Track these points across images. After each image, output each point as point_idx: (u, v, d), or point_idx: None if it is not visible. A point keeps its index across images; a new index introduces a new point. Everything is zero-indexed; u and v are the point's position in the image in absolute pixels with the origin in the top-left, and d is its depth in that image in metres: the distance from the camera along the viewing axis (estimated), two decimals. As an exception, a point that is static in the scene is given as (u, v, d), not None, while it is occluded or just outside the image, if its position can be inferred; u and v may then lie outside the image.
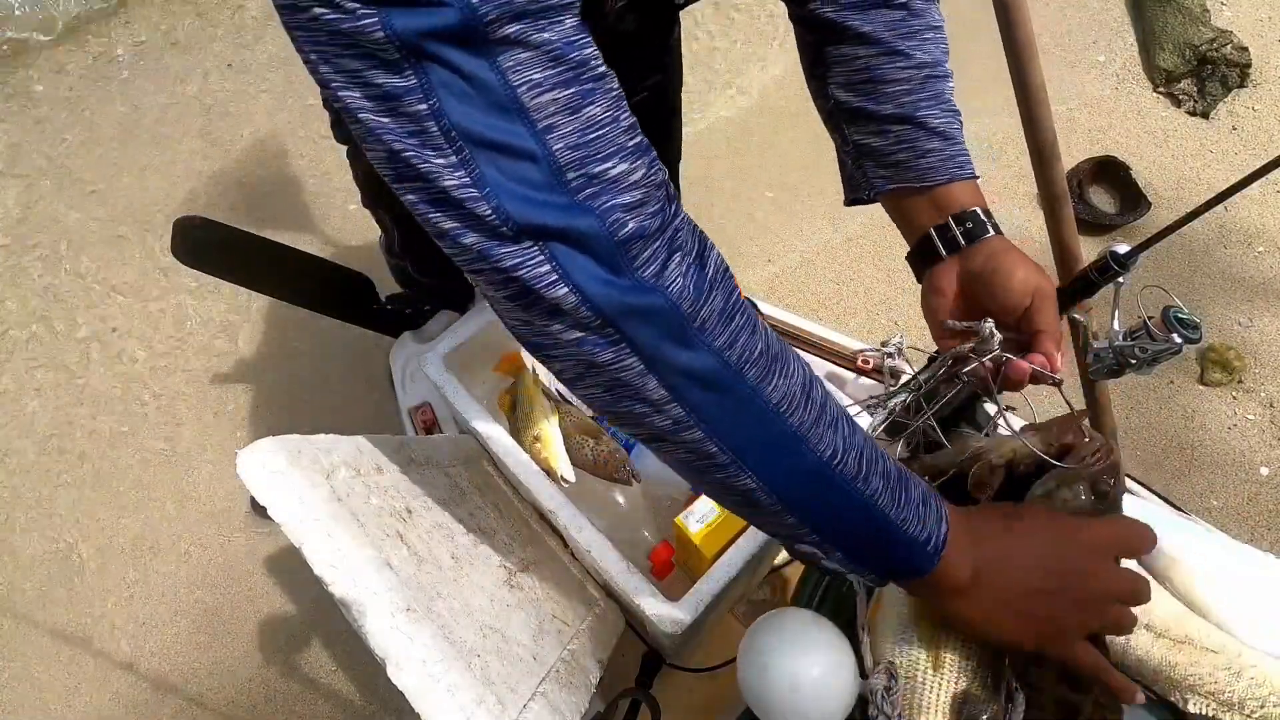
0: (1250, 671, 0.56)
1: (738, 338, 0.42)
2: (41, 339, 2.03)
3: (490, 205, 0.39)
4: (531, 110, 0.38)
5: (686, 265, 0.42)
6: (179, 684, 1.62)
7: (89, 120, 2.34)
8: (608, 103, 0.41)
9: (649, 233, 0.41)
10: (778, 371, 0.43)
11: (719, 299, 0.43)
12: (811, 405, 0.44)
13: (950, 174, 0.65)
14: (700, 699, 0.92)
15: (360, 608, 0.53)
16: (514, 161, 0.39)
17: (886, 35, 0.65)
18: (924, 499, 0.47)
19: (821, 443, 0.44)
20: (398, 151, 0.39)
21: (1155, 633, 0.58)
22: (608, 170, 0.40)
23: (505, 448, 0.87)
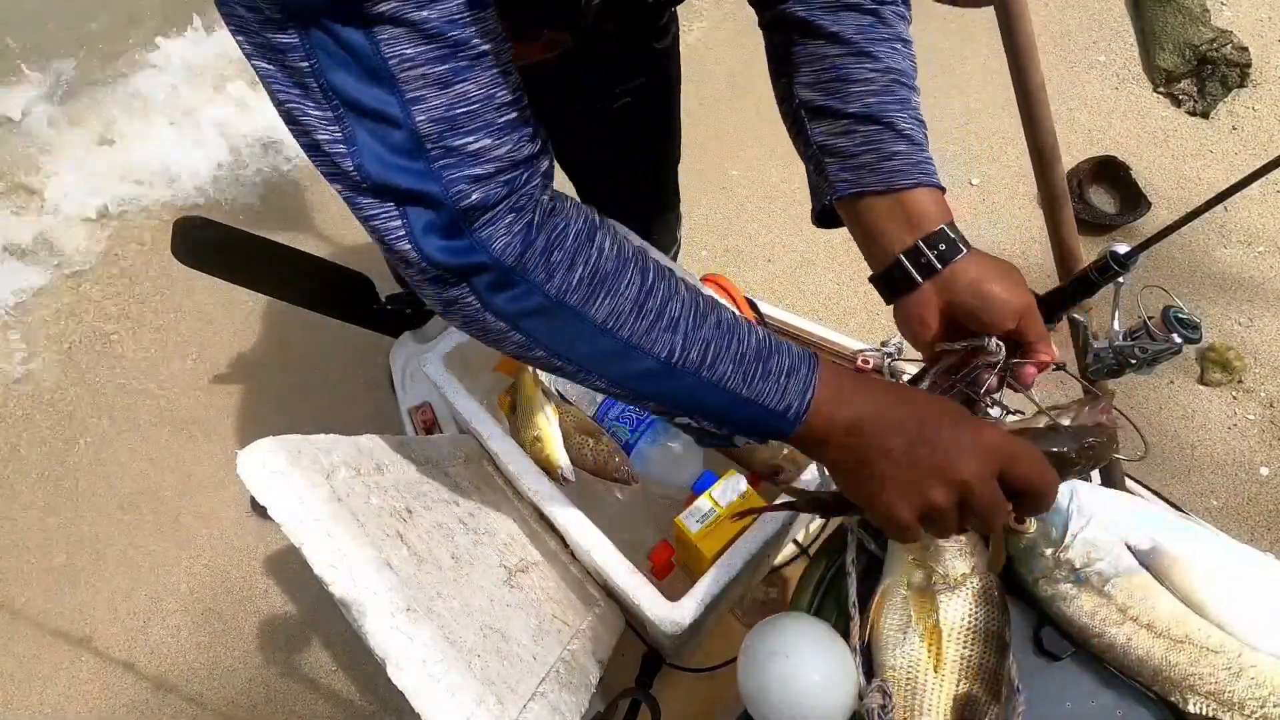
0: (1250, 671, 0.56)
1: (554, 273, 0.48)
2: (38, 349, 2.04)
3: (353, 162, 0.44)
4: (401, 82, 0.42)
5: (522, 224, 0.47)
6: (179, 684, 1.62)
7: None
8: (485, 79, 0.44)
9: (491, 203, 0.46)
10: (602, 295, 0.49)
11: (540, 243, 0.48)
12: (644, 316, 0.50)
13: (916, 179, 0.63)
14: (700, 699, 0.92)
15: (360, 608, 0.53)
16: (381, 126, 0.43)
17: (856, 37, 0.64)
18: (788, 371, 0.52)
19: (656, 345, 0.50)
20: (283, 101, 0.43)
21: (1155, 632, 0.58)
22: (468, 144, 0.45)
23: (505, 448, 0.87)
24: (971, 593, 0.59)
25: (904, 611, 0.59)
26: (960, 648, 0.57)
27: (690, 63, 2.35)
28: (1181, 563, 0.59)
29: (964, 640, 0.58)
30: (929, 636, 0.58)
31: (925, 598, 0.59)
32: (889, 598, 0.60)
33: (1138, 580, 0.59)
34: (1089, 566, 0.59)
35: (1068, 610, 0.60)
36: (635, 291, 0.50)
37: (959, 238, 0.62)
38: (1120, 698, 0.59)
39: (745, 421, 0.53)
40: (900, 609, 0.59)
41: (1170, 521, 0.62)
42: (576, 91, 0.98)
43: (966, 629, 0.58)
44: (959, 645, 0.57)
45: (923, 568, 0.60)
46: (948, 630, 0.58)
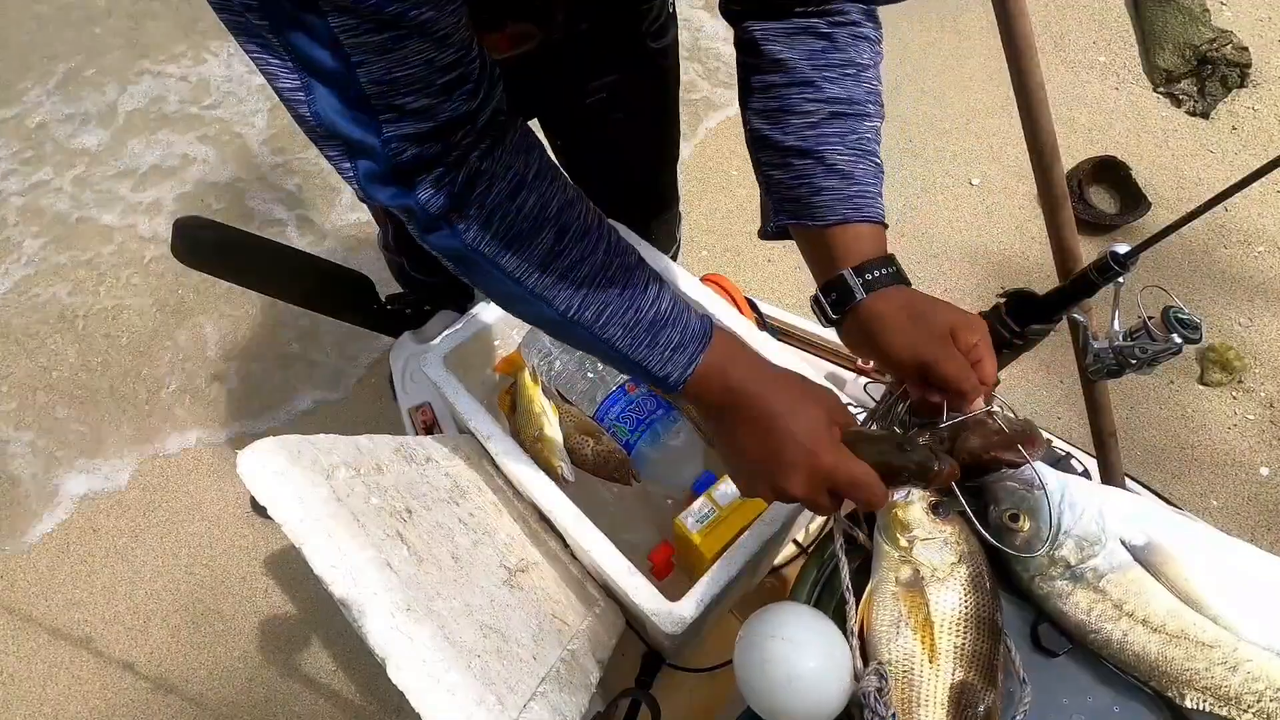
0: (1246, 666, 0.56)
1: (470, 227, 0.55)
2: (40, 339, 2.04)
3: (310, 110, 0.50)
4: (348, 48, 0.47)
5: (448, 180, 0.54)
6: (178, 684, 1.62)
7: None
8: (424, 47, 0.49)
9: (425, 159, 0.52)
10: (512, 249, 0.56)
11: (462, 199, 0.54)
12: (549, 272, 0.57)
13: (843, 215, 0.63)
14: (700, 699, 0.92)
15: (360, 608, 0.53)
16: (333, 84, 0.49)
17: (802, 64, 0.64)
18: (676, 346, 0.58)
19: (557, 299, 0.57)
20: (250, 51, 0.49)
21: (1151, 627, 0.58)
22: (409, 103, 0.50)
23: (505, 448, 0.87)
24: (960, 582, 0.60)
25: (895, 607, 0.59)
26: (953, 637, 0.58)
27: (691, 63, 2.35)
28: (1176, 558, 0.59)
29: (956, 630, 0.58)
30: (921, 630, 0.58)
31: (915, 592, 0.59)
32: (878, 594, 0.60)
33: (1133, 576, 0.59)
34: (1084, 563, 0.60)
35: (1064, 607, 0.60)
36: (544, 251, 0.56)
37: (861, 281, 0.62)
38: (1117, 694, 0.59)
39: (634, 374, 0.61)
40: (891, 605, 0.59)
41: (1164, 516, 0.62)
42: (548, 88, 0.98)
43: (958, 618, 0.58)
44: (951, 635, 0.58)
45: (909, 563, 0.60)
46: (939, 621, 0.58)
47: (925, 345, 0.59)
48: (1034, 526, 0.61)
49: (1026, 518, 0.61)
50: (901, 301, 0.61)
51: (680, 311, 0.60)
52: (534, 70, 0.89)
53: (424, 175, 0.53)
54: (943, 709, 0.56)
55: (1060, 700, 0.59)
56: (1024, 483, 0.62)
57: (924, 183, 2.14)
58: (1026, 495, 0.61)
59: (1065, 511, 0.60)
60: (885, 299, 0.61)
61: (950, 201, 2.12)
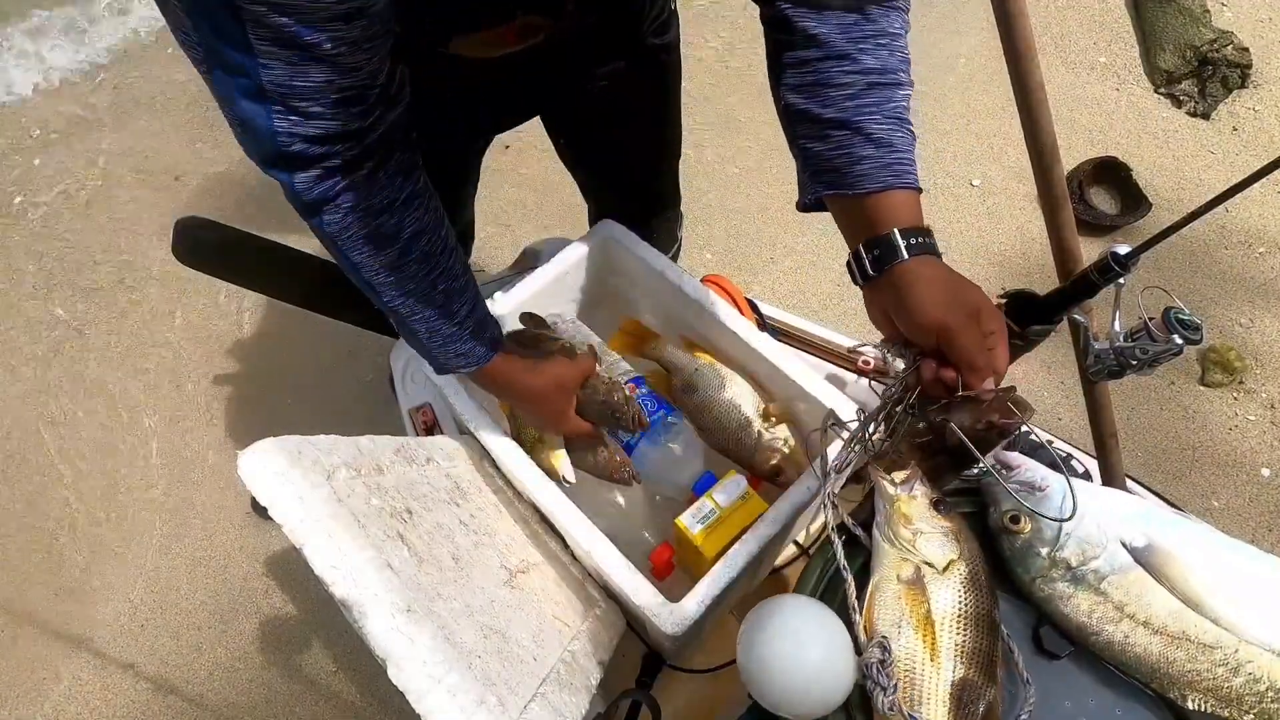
0: (1248, 667, 0.56)
1: (336, 220, 0.65)
2: (39, 341, 2.04)
3: (210, 81, 0.59)
4: (257, 50, 0.52)
5: (328, 182, 0.62)
6: (179, 684, 1.62)
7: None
8: (328, 70, 0.54)
9: (308, 156, 0.59)
10: (361, 249, 0.68)
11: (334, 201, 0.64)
12: (384, 274, 0.70)
13: (884, 182, 0.64)
14: (701, 700, 0.92)
15: (361, 609, 0.53)
16: (234, 72, 0.54)
17: (837, 38, 0.64)
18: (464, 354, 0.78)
19: (384, 294, 0.72)
20: (173, 28, 0.62)
21: (1152, 629, 0.58)
22: (304, 107, 0.56)
23: (505, 448, 0.87)
24: (959, 579, 0.60)
25: (897, 605, 0.60)
26: (953, 635, 0.58)
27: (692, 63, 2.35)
28: (1176, 559, 0.59)
29: (956, 627, 0.58)
30: (922, 627, 0.59)
31: (915, 590, 0.60)
32: (880, 593, 0.61)
33: (1133, 578, 0.59)
34: (1085, 565, 0.60)
35: (1065, 609, 0.60)
36: (388, 261, 0.69)
37: (906, 244, 0.62)
38: (1119, 696, 0.59)
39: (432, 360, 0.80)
40: (893, 603, 0.60)
41: (1164, 518, 0.62)
42: (551, 84, 0.99)
43: (958, 616, 0.59)
44: (952, 633, 0.58)
45: (910, 561, 0.60)
46: (940, 619, 0.59)
47: (952, 314, 0.60)
48: (1035, 528, 0.61)
49: (1027, 519, 0.61)
50: (939, 270, 0.63)
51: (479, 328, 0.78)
52: (538, 65, 0.89)
53: (303, 170, 0.60)
54: (945, 706, 0.57)
55: (1063, 703, 0.59)
56: (1027, 485, 0.62)
57: (924, 183, 2.11)
58: (1027, 497, 0.61)
59: (1066, 513, 0.60)
60: (925, 264, 0.62)
61: (951, 202, 2.12)
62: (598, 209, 1.33)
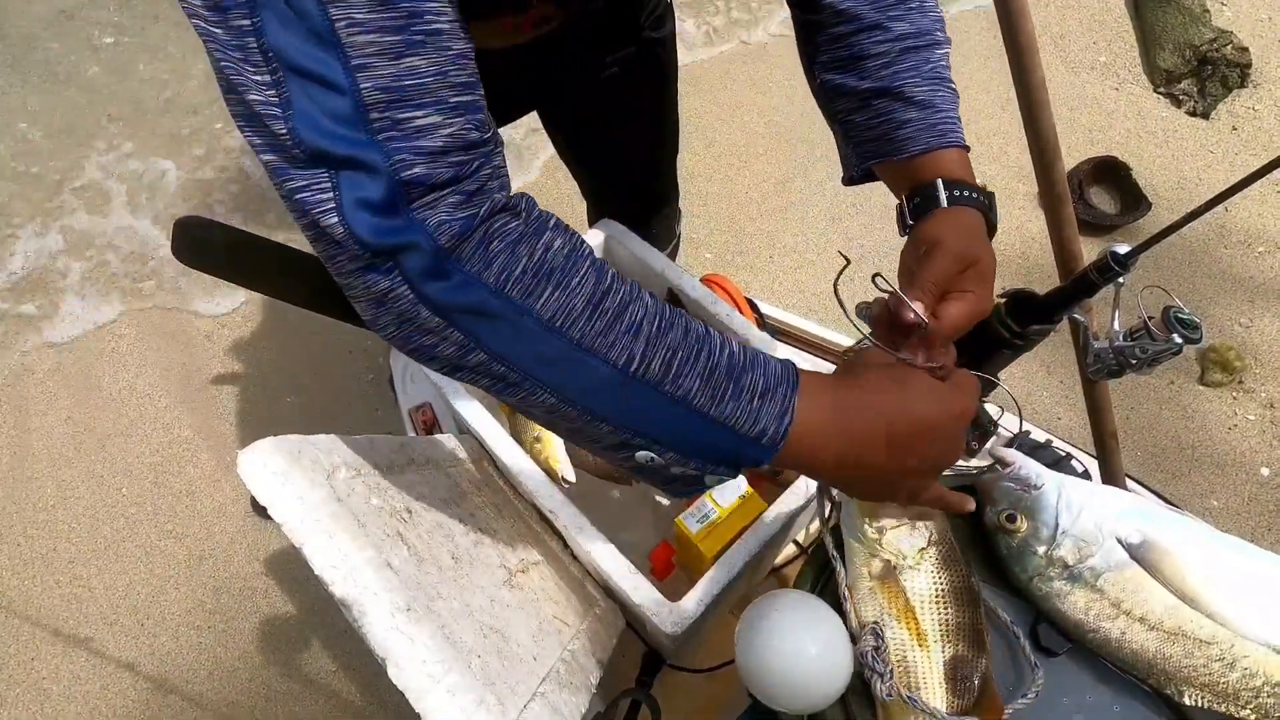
0: (1244, 662, 0.56)
1: (493, 261, 0.43)
2: (40, 347, 2.04)
3: (287, 126, 0.40)
4: (347, 46, 0.39)
5: (468, 210, 0.43)
6: (179, 684, 1.62)
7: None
8: (438, 58, 0.42)
9: (437, 181, 0.42)
10: (549, 288, 0.44)
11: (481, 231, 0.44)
12: (600, 315, 0.45)
13: (927, 143, 0.64)
14: (700, 699, 0.92)
15: (360, 608, 0.53)
16: (322, 90, 0.40)
17: (864, 9, 0.65)
18: (764, 392, 0.46)
19: (613, 351, 0.44)
20: (220, 63, 0.40)
21: (1149, 625, 0.58)
22: (415, 118, 0.41)
23: (506, 448, 0.87)
24: (931, 564, 0.61)
25: (874, 601, 0.60)
26: (935, 615, 0.59)
27: (692, 64, 2.35)
28: (1172, 555, 0.59)
29: (937, 607, 0.59)
30: (904, 616, 0.59)
31: (890, 583, 0.60)
32: (856, 591, 0.61)
33: (1129, 574, 0.59)
34: (1081, 563, 0.60)
35: (1062, 607, 0.60)
36: (590, 288, 0.45)
37: (946, 194, 0.62)
38: (1117, 693, 0.59)
39: (713, 448, 0.47)
40: (870, 600, 0.60)
41: (1159, 514, 0.62)
42: (564, 68, 0.98)
43: (936, 596, 0.59)
44: (933, 613, 0.59)
45: (879, 557, 0.61)
46: (919, 604, 0.59)
47: (951, 242, 0.59)
48: (1031, 526, 0.61)
49: (1024, 518, 0.61)
50: (971, 220, 0.61)
51: (753, 352, 0.48)
52: (545, 58, 0.89)
53: (435, 201, 0.42)
54: (942, 687, 0.57)
55: (1060, 699, 0.59)
56: (1021, 483, 0.62)
57: (924, 183, 2.14)
58: (1023, 495, 0.62)
59: (1062, 511, 0.61)
60: (966, 214, 0.62)
61: (950, 202, 2.12)
62: (597, 207, 1.33)
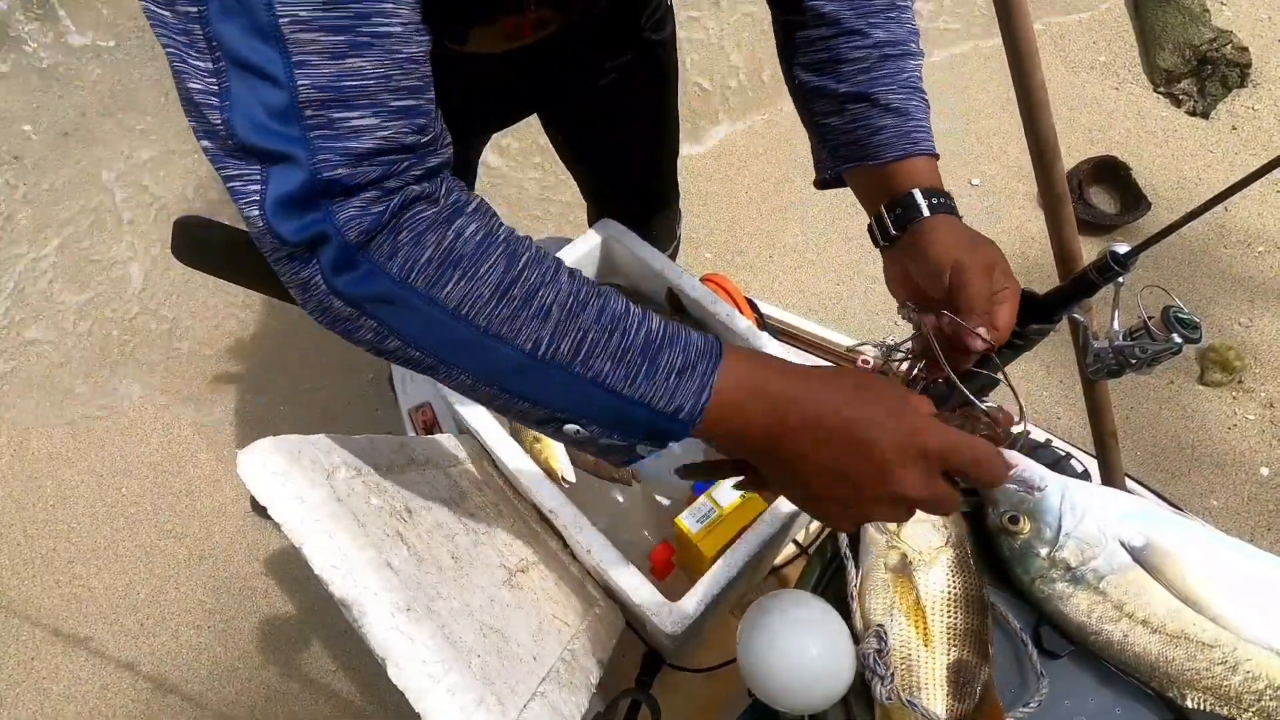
0: (1246, 665, 0.56)
1: (398, 251, 0.44)
2: (40, 346, 2.04)
3: (223, 117, 0.41)
4: (289, 42, 0.39)
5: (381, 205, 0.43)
6: (178, 684, 1.62)
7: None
8: (384, 60, 0.42)
9: (358, 183, 0.42)
10: (455, 277, 0.44)
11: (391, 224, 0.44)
12: (507, 301, 0.45)
13: (903, 150, 0.65)
14: (700, 699, 0.92)
15: (360, 608, 0.53)
16: (260, 84, 0.40)
17: (846, 14, 0.65)
18: (682, 369, 0.47)
19: (520, 336, 0.45)
20: (167, 49, 0.41)
21: (1151, 628, 0.58)
22: (349, 119, 0.41)
23: (505, 448, 0.87)
24: (946, 564, 0.61)
25: (886, 593, 0.60)
26: (944, 618, 0.59)
27: (693, 64, 2.35)
28: (1174, 558, 0.59)
29: (947, 610, 0.59)
30: (913, 614, 0.59)
31: (903, 577, 0.61)
32: (869, 582, 0.61)
33: (1132, 577, 0.59)
34: (1084, 565, 0.60)
35: (1065, 609, 0.61)
36: (499, 275, 0.45)
37: (926, 203, 0.63)
38: (1119, 695, 0.59)
39: (632, 424, 0.48)
40: (882, 591, 0.61)
41: (1162, 516, 0.62)
42: (565, 71, 0.98)
43: (947, 600, 0.60)
44: (943, 616, 0.59)
45: (897, 549, 0.61)
46: (930, 604, 0.59)
47: (966, 257, 0.61)
48: (1034, 528, 0.61)
49: (1026, 520, 0.62)
50: (961, 226, 0.64)
51: (677, 331, 0.49)
52: (546, 61, 0.89)
53: (350, 197, 0.43)
54: (943, 689, 0.57)
55: (1063, 702, 0.59)
56: (1025, 484, 0.62)
57: (924, 183, 2.14)
58: (1025, 498, 0.62)
59: (1065, 514, 0.61)
60: (946, 222, 0.63)
61: (950, 201, 2.12)
62: (597, 208, 1.33)
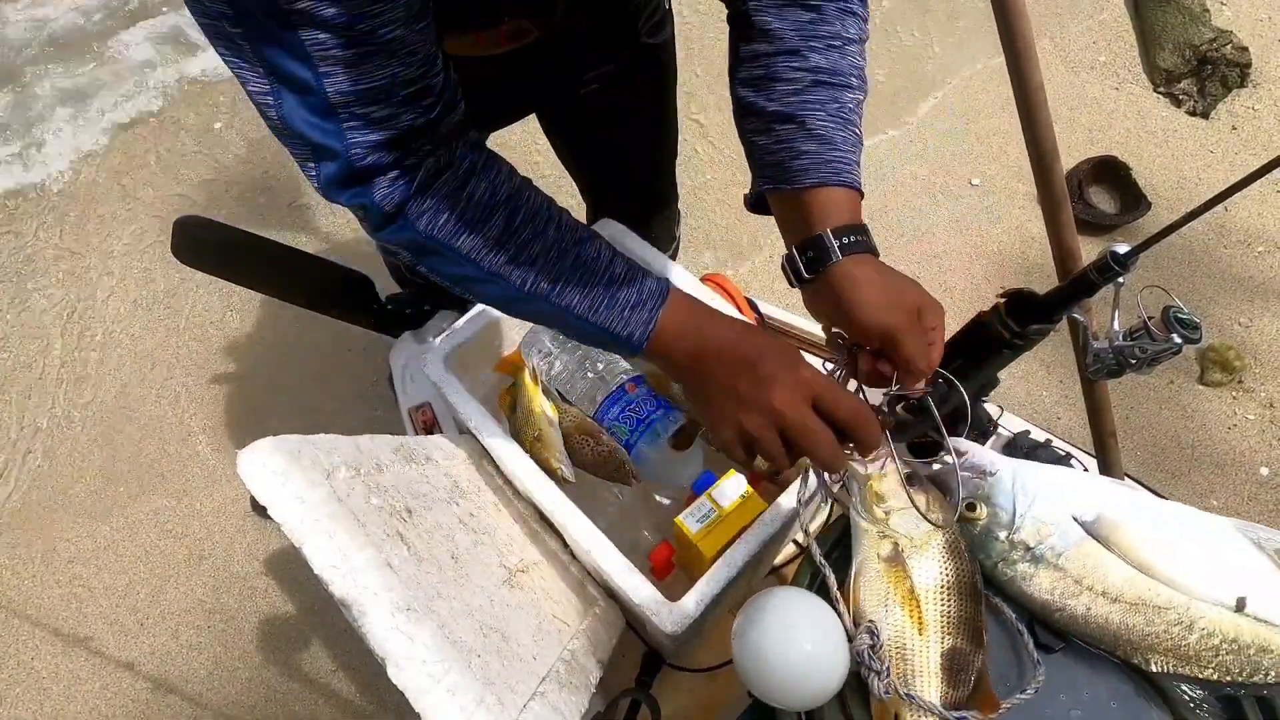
0: (1200, 623, 0.57)
1: (423, 215, 0.59)
2: (41, 345, 2.04)
3: (278, 114, 0.54)
4: (316, 60, 0.51)
5: (404, 181, 0.58)
6: (178, 684, 1.62)
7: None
8: (390, 62, 0.53)
9: (382, 165, 0.57)
10: (465, 233, 0.60)
11: (416, 194, 0.59)
12: (504, 251, 0.60)
13: (821, 178, 0.64)
14: (700, 699, 0.92)
15: (360, 608, 0.53)
16: (299, 91, 0.53)
17: (790, 34, 0.65)
18: (635, 305, 0.61)
19: (514, 276, 0.61)
20: (223, 55, 0.53)
21: (1110, 598, 0.59)
22: (371, 112, 0.54)
23: (505, 448, 0.87)
24: (938, 551, 0.61)
25: (880, 584, 0.61)
26: (938, 606, 0.59)
27: (693, 66, 2.35)
28: (1123, 527, 0.60)
29: (940, 598, 0.60)
30: (907, 603, 0.60)
31: (896, 567, 0.61)
32: (864, 574, 0.62)
33: (1088, 550, 0.60)
34: (1042, 544, 0.61)
35: (1029, 589, 0.61)
36: (498, 232, 0.60)
37: (839, 244, 0.62)
38: (1113, 689, 0.60)
39: (597, 340, 0.63)
40: (876, 582, 0.61)
41: (1106, 488, 0.63)
42: (547, 83, 0.99)
43: (940, 587, 0.60)
44: (936, 604, 0.59)
45: (889, 538, 0.62)
46: (923, 592, 0.60)
47: (895, 316, 0.61)
48: (990, 512, 0.62)
49: (982, 505, 0.62)
50: (875, 270, 0.63)
51: (635, 274, 0.63)
52: (533, 64, 0.89)
53: (379, 177, 0.57)
54: (937, 677, 0.58)
55: (1058, 696, 0.59)
56: (976, 470, 0.63)
57: (924, 183, 2.14)
58: (980, 483, 0.62)
59: (1018, 495, 0.61)
60: (860, 264, 0.63)
61: (950, 202, 2.12)
62: (596, 209, 1.33)
